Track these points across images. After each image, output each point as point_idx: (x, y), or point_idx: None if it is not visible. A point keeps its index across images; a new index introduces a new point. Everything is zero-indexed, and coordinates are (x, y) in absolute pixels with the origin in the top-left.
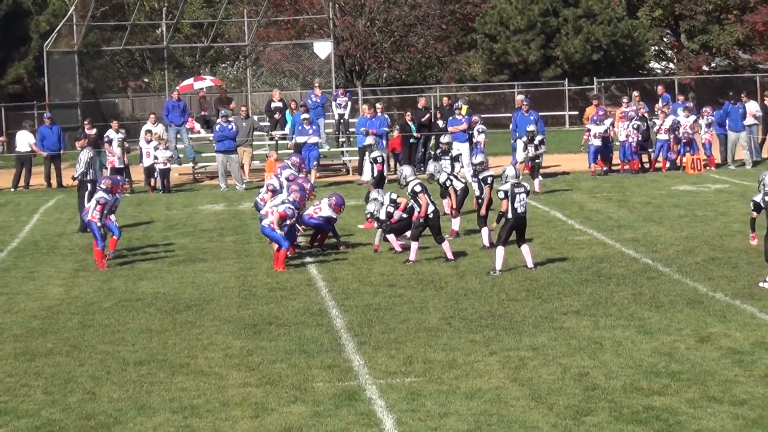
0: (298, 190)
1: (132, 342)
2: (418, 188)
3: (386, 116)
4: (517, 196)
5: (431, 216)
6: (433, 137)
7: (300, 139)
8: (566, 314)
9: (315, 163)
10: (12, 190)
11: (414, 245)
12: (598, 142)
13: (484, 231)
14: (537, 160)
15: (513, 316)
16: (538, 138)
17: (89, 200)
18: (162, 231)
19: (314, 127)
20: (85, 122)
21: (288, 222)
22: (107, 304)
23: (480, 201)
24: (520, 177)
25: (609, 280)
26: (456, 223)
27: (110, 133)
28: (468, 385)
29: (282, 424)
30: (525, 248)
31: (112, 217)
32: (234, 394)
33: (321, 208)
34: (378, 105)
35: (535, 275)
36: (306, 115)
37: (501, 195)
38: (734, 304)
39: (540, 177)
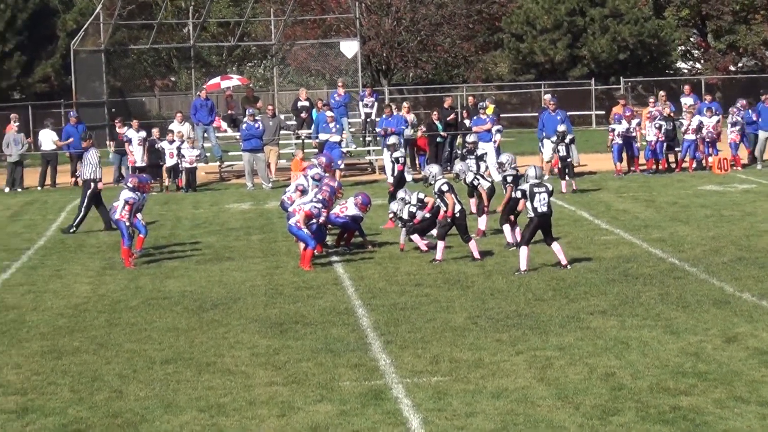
0: (326, 190)
1: (159, 340)
2: (445, 187)
3: (405, 116)
4: (537, 195)
5: (458, 215)
6: (459, 136)
7: (322, 137)
8: (593, 314)
9: (339, 162)
10: (39, 188)
11: (440, 244)
12: (620, 141)
13: (506, 228)
14: (568, 160)
15: (539, 315)
16: (569, 137)
17: (91, 200)
18: (189, 229)
19: (338, 125)
20: (116, 121)
21: (314, 221)
22: (134, 303)
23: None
24: (544, 177)
25: (636, 280)
26: (482, 222)
27: (130, 133)
28: (494, 384)
29: (308, 423)
30: (555, 246)
31: (139, 215)
32: (260, 392)
33: (347, 207)
34: (392, 105)
35: (562, 275)
36: (330, 113)
37: (518, 194)
38: (761, 305)
39: (568, 178)
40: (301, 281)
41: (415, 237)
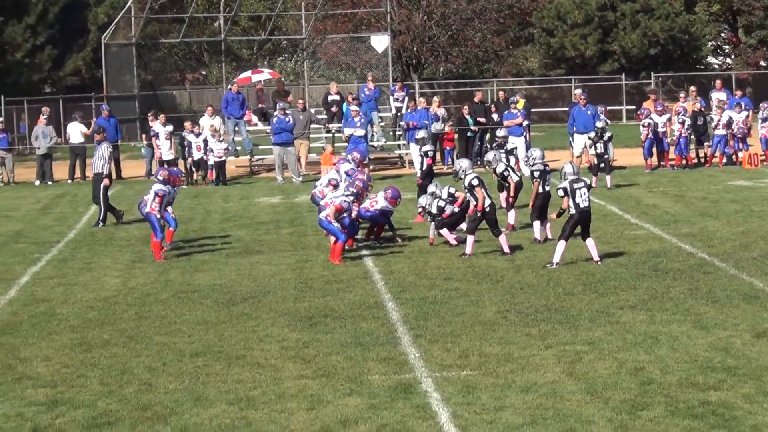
0: (357, 184)
1: (188, 333)
2: (475, 182)
3: (435, 110)
4: (578, 191)
5: (488, 210)
6: (489, 131)
7: (347, 131)
8: (622, 309)
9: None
10: (69, 181)
11: (470, 239)
12: (651, 136)
13: (536, 224)
14: (606, 156)
15: (569, 310)
16: (607, 135)
17: (106, 192)
18: (219, 223)
19: (362, 119)
20: (149, 115)
21: (345, 215)
22: (164, 296)
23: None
24: (578, 173)
25: (665, 274)
26: (512, 217)
27: (157, 127)
28: (523, 378)
29: (337, 416)
30: (590, 242)
31: (170, 208)
32: (290, 386)
33: (377, 201)
34: (421, 99)
35: (592, 269)
36: (355, 107)
37: (560, 193)
38: None
39: (603, 174)
40: (331, 275)
41: (445, 231)
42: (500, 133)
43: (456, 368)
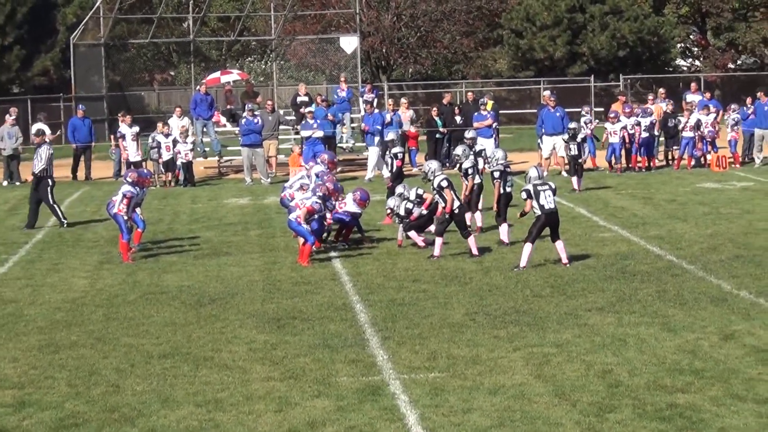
0: (328, 186)
1: (156, 335)
2: (444, 183)
3: (401, 111)
4: (542, 193)
5: (456, 211)
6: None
7: (304, 133)
8: (590, 311)
9: None
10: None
11: (438, 241)
12: (614, 140)
13: (503, 228)
14: (579, 160)
15: (537, 312)
16: (581, 136)
17: (52, 196)
18: (187, 224)
19: (318, 121)
20: (120, 116)
21: (315, 217)
22: (132, 297)
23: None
24: (544, 176)
25: (633, 277)
26: (479, 219)
27: (123, 128)
28: (491, 381)
29: (305, 418)
30: (559, 244)
31: (138, 210)
32: (258, 387)
33: (345, 203)
34: (390, 101)
35: (560, 272)
36: (310, 109)
37: (523, 195)
38: (758, 302)
39: (582, 178)
40: (299, 277)
41: (413, 233)
42: (468, 134)
43: (424, 370)
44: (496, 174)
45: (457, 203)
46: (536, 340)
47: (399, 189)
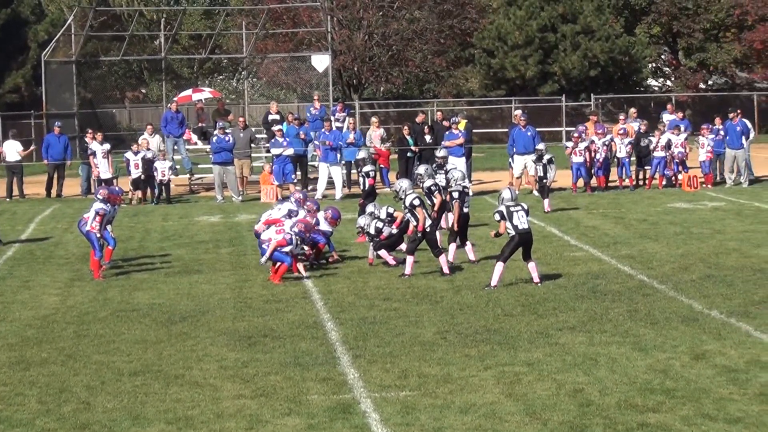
0: (303, 224)
1: (127, 352)
2: (416, 202)
3: (371, 130)
4: (515, 213)
5: (428, 230)
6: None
7: (275, 151)
8: (561, 330)
9: (293, 176)
10: (7, 200)
11: (409, 259)
12: (578, 159)
13: (452, 247)
14: (545, 180)
15: (508, 331)
16: (547, 157)
17: None
18: (158, 242)
19: (288, 139)
20: (87, 133)
21: (287, 249)
22: (102, 314)
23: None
24: (516, 198)
25: (604, 296)
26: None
27: (94, 145)
28: (462, 399)
29: None
30: (531, 264)
31: (109, 227)
32: (228, 405)
33: (317, 222)
34: (350, 120)
35: (531, 291)
36: (279, 127)
37: (497, 216)
38: (729, 322)
39: (548, 198)
40: (270, 294)
41: (383, 252)
42: (440, 153)
43: (395, 389)
44: (455, 194)
45: (429, 222)
46: (507, 359)
47: (370, 208)
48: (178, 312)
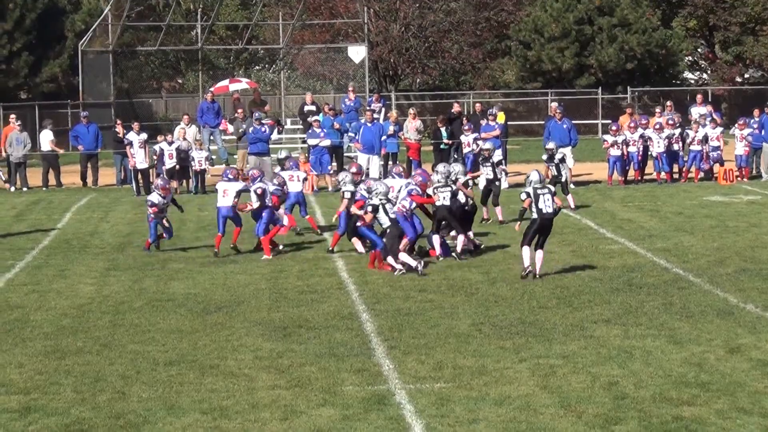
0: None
1: (162, 342)
2: (347, 195)
3: (387, 123)
4: (542, 197)
5: (468, 209)
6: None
7: (311, 142)
8: (596, 323)
9: (329, 167)
10: (44, 189)
11: (461, 239)
12: (616, 152)
13: (435, 239)
14: (561, 179)
15: (543, 323)
16: (558, 156)
17: None
18: (194, 232)
19: (325, 130)
20: (117, 123)
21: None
22: (138, 304)
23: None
24: (544, 180)
25: (640, 289)
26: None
27: (131, 135)
28: (497, 391)
29: (311, 426)
30: (539, 253)
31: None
32: (263, 396)
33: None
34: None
35: (566, 283)
36: (316, 118)
37: (523, 196)
38: (765, 316)
39: (570, 195)
40: (305, 285)
41: (355, 239)
42: (485, 145)
43: (430, 380)
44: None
45: (467, 201)
46: (542, 352)
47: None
48: (213, 302)
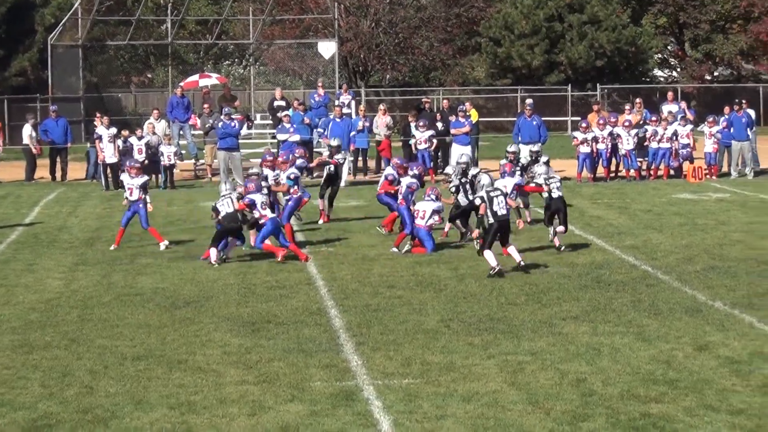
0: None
1: (130, 337)
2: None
3: (357, 118)
4: (495, 199)
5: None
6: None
7: (280, 137)
8: (565, 319)
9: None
10: (32, 182)
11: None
12: (585, 150)
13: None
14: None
15: (512, 320)
16: (544, 159)
17: None
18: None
19: (295, 125)
20: (97, 117)
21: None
22: (106, 299)
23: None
24: (494, 183)
25: (608, 286)
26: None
27: (100, 130)
28: (465, 388)
29: (279, 422)
30: (511, 248)
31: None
32: (231, 391)
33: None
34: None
35: (534, 280)
36: (287, 113)
37: (477, 201)
38: (733, 313)
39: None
40: (274, 281)
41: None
42: (462, 159)
43: (398, 376)
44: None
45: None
46: (510, 348)
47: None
48: (181, 297)
